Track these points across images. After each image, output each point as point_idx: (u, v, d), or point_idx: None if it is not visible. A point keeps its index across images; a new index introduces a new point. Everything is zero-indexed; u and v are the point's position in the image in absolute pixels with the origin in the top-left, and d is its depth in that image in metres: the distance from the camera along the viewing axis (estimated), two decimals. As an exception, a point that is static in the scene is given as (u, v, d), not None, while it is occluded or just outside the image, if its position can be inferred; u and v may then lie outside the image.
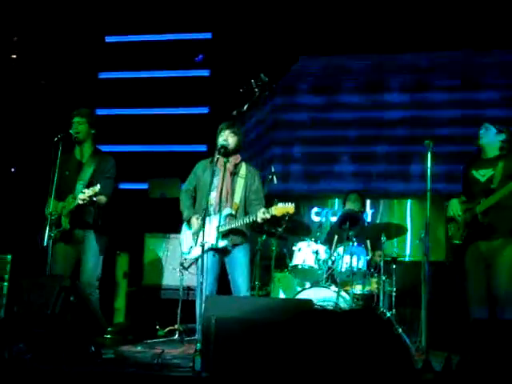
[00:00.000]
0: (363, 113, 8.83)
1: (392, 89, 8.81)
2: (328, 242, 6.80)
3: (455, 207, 5.24)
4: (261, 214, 5.17)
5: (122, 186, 7.95)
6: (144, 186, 9.00)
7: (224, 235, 5.28)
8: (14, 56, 9.06)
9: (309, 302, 4.34)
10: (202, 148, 8.84)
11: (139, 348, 5.99)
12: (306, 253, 6.45)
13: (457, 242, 5.18)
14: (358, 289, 6.44)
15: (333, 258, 6.38)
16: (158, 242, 7.89)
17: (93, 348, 4.77)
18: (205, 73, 9.38)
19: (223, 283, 5.45)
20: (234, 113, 6.39)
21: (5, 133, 8.80)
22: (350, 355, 1.23)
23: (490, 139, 5.22)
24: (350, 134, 8.83)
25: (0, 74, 8.92)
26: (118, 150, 8.22)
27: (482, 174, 5.19)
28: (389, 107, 8.72)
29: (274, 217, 5.21)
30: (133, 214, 8.42)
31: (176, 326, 6.86)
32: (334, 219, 7.54)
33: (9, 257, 6.90)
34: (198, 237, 5.22)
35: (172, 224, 7.73)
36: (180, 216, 5.62)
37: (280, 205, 5.19)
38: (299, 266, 6.46)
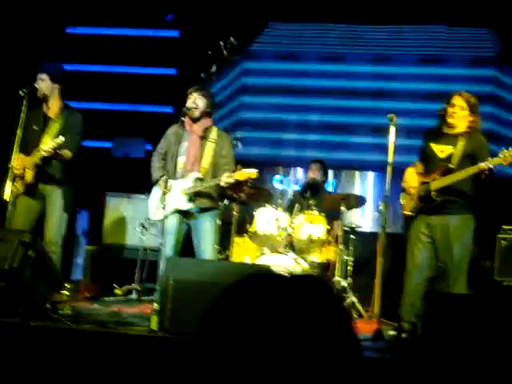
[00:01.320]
0: (329, 81, 8.85)
1: (358, 59, 8.85)
2: (289, 209, 6.86)
3: (411, 178, 5.22)
4: (224, 178, 5.20)
5: (86, 143, 7.86)
6: (108, 145, 8.94)
7: (191, 198, 5.29)
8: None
9: (266, 268, 4.41)
10: (169, 109, 8.81)
11: (96, 306, 6.01)
12: (266, 219, 6.51)
13: (408, 213, 5.18)
14: (315, 257, 6.54)
15: (293, 226, 6.45)
16: (119, 201, 7.86)
17: (49, 304, 4.79)
18: (174, 33, 9.29)
19: (188, 247, 5.48)
20: (202, 75, 6.37)
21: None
22: (293, 322, 1.26)
23: (462, 117, 5.13)
24: (316, 103, 8.86)
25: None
26: (83, 106, 8.11)
27: (441, 150, 5.16)
28: (354, 78, 8.76)
29: (237, 181, 5.24)
30: (95, 172, 8.37)
31: (134, 286, 6.89)
32: (296, 187, 7.59)
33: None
34: (163, 199, 5.23)
35: (134, 184, 7.73)
36: (142, 177, 5.62)
37: (244, 170, 5.22)
38: (259, 232, 6.52)
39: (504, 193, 7.39)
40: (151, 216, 5.54)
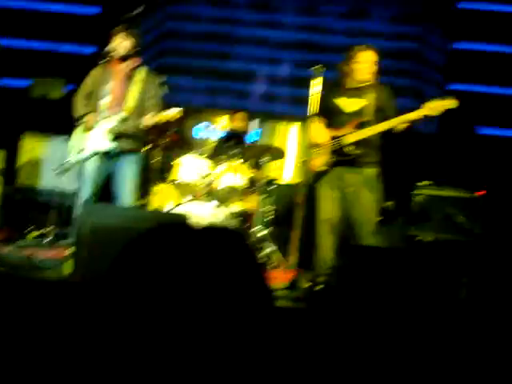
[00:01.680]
0: (255, 30, 8.74)
1: (285, 10, 8.75)
2: (211, 158, 6.82)
3: (318, 134, 5.17)
4: (148, 118, 5.10)
5: (4, 81, 7.55)
6: (26, 84, 8.61)
7: (114, 139, 5.16)
8: None
9: (182, 216, 4.37)
10: (91, 50, 8.53)
11: (9, 249, 5.85)
12: (188, 167, 6.44)
13: (320, 168, 5.13)
14: (236, 207, 6.53)
15: (215, 175, 6.41)
16: (36, 142, 7.61)
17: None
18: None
19: (107, 192, 5.37)
20: (127, 15, 6.17)
21: None
22: (202, 272, 1.24)
23: (372, 72, 5.14)
24: (244, 52, 8.75)
25: None
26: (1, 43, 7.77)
27: (348, 104, 5.13)
28: (280, 27, 8.68)
29: (160, 122, 5.14)
30: (11, 111, 8.06)
31: (48, 230, 6.73)
32: (219, 136, 7.53)
33: None
34: (85, 140, 5.09)
35: (53, 125, 7.48)
36: (62, 118, 5.44)
37: (167, 110, 5.14)
38: (180, 180, 6.46)
39: (416, 148, 7.54)
40: (71, 158, 5.38)
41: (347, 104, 5.14)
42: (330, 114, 5.19)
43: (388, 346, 3.25)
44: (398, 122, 4.94)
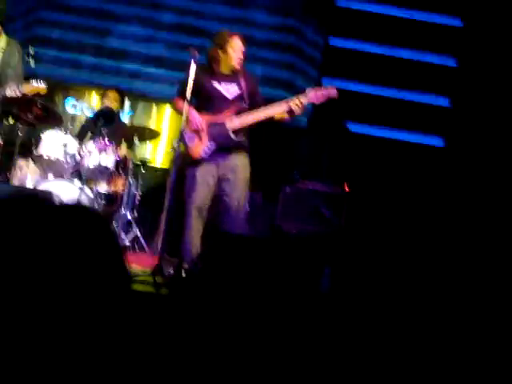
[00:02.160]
0: (131, 9, 8.52)
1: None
2: (79, 136, 6.58)
3: (197, 119, 5.07)
4: (10, 90, 4.84)
5: None
6: None
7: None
8: None
9: (47, 193, 4.18)
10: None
11: None
12: (54, 143, 6.17)
13: (198, 156, 5.06)
14: (103, 187, 6.35)
15: (82, 154, 6.19)
16: None
17: None
18: None
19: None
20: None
21: None
22: (54, 252, 1.15)
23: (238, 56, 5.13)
24: (119, 29, 8.49)
25: None
26: None
27: (225, 89, 5.11)
28: (166, 9, 8.52)
29: (24, 96, 4.90)
30: None
31: None
32: (89, 113, 7.29)
33: None
34: None
35: None
36: None
37: (33, 83, 4.90)
38: (45, 157, 6.18)
39: (285, 141, 7.66)
40: None
41: (221, 89, 5.11)
42: (203, 98, 5.13)
43: (247, 335, 3.25)
44: (281, 109, 4.97)
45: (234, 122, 5.03)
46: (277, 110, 5.00)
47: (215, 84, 5.11)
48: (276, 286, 3.75)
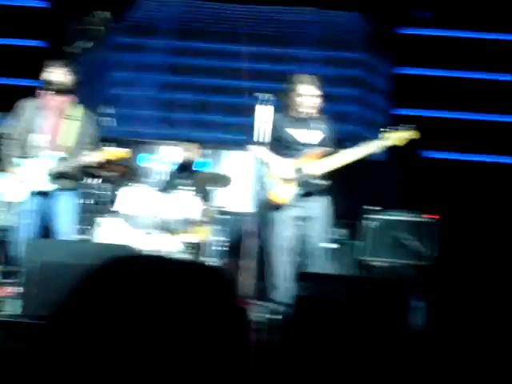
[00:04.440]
0: (208, 61, 8.71)
1: (240, 39, 8.76)
2: (160, 188, 6.70)
3: (279, 166, 5.10)
4: (90, 158, 4.98)
5: None
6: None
7: (52, 179, 5.02)
8: None
9: (128, 247, 4.28)
10: (29, 82, 8.34)
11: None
12: (134, 198, 6.30)
13: (285, 201, 5.07)
14: (187, 237, 6.41)
15: (164, 205, 6.29)
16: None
17: None
18: (45, 4, 8.81)
19: (46, 227, 5.20)
20: (69, 48, 6.05)
21: None
22: (174, 316, 1.09)
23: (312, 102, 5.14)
24: (190, 81, 8.68)
25: None
26: None
27: (301, 134, 5.12)
28: (231, 56, 8.67)
29: (105, 160, 5.04)
30: None
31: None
32: (167, 166, 7.42)
33: None
34: (21, 180, 4.93)
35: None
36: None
37: (112, 149, 5.03)
38: (127, 212, 6.30)
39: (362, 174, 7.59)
40: (5, 197, 5.15)
41: (301, 134, 5.13)
42: (283, 144, 5.15)
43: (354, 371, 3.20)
44: (363, 153, 4.96)
45: (315, 167, 5.03)
46: (359, 154, 5.00)
47: (293, 129, 5.14)
48: (368, 324, 3.68)
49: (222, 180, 6.87)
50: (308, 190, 5.07)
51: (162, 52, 8.78)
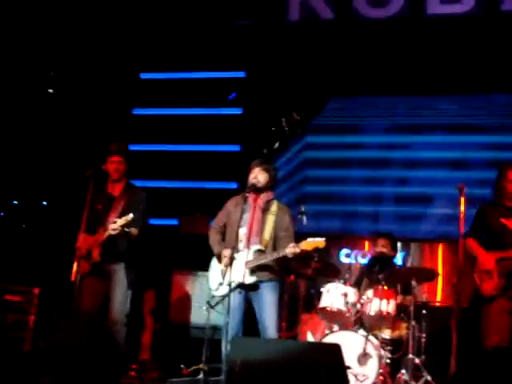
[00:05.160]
0: (393, 153, 8.78)
1: (421, 129, 8.77)
2: (357, 284, 6.69)
3: (485, 258, 5.04)
4: (291, 249, 5.13)
5: (152, 221, 7.95)
6: (173, 222, 9.00)
7: (252, 271, 5.22)
8: (51, 90, 9.20)
9: (336, 346, 4.25)
10: (233, 185, 8.85)
11: (163, 387, 5.91)
12: (334, 295, 6.33)
13: (491, 293, 4.97)
14: (386, 333, 6.30)
15: (362, 301, 6.26)
16: (185, 278, 7.83)
17: (116, 385, 4.73)
18: (237, 111, 9.42)
19: (250, 321, 5.37)
20: (265, 151, 6.40)
21: (38, 166, 8.90)
22: None
23: None
24: (382, 175, 8.76)
25: (36, 107, 9.05)
26: (149, 185, 8.23)
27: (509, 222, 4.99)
28: (418, 148, 8.67)
29: (303, 252, 5.16)
30: (161, 249, 8.40)
31: (201, 366, 6.75)
32: (363, 261, 7.43)
33: (36, 290, 6.91)
34: (225, 274, 5.18)
35: (200, 261, 7.71)
36: (208, 253, 5.58)
37: (310, 239, 5.15)
38: (327, 308, 6.34)
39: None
40: (213, 292, 5.47)
41: (509, 224, 4.98)
42: (491, 235, 5.08)
43: None
44: None
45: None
46: None
47: (503, 219, 5.03)
48: None
49: (424, 274, 6.70)
50: (508, 282, 4.87)
51: (350, 148, 8.97)
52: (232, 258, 5.15)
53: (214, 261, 5.51)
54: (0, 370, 5.24)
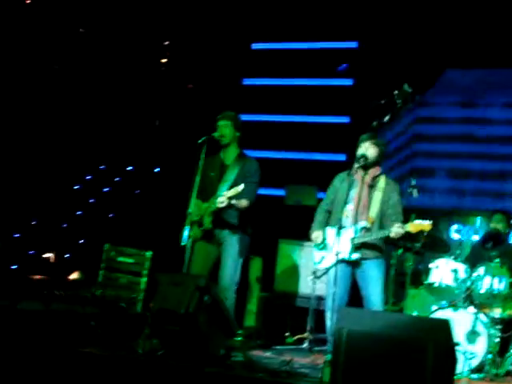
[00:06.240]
0: (509, 128, 8.45)
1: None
2: (468, 261, 6.52)
3: None
4: (395, 229, 5.04)
5: (260, 191, 8.02)
6: (281, 193, 9.04)
7: (357, 248, 5.18)
8: (164, 60, 9.40)
9: (445, 322, 4.16)
10: (341, 157, 8.79)
11: (268, 353, 5.99)
12: (443, 271, 6.20)
13: None
14: (497, 312, 6.11)
15: (472, 278, 6.10)
16: (291, 248, 7.86)
17: (223, 350, 4.82)
18: (348, 82, 9.31)
19: (354, 295, 5.34)
20: (375, 123, 6.29)
21: (152, 134, 9.15)
22: None
23: None
24: (494, 151, 8.45)
25: (150, 77, 9.28)
26: (257, 155, 8.27)
27: None
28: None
29: (408, 233, 5.07)
30: (268, 219, 8.45)
31: (305, 335, 6.81)
32: (475, 238, 7.22)
33: (148, 253, 7.13)
34: (330, 247, 5.17)
35: (306, 231, 7.73)
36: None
37: (416, 221, 5.05)
38: (436, 284, 6.22)
39: None
40: (317, 264, 5.47)
41: None
42: None
43: None
44: None
45: None
46: None
47: None
48: None
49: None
50: None
51: (462, 122, 8.70)
52: (320, 241, 5.19)
53: (318, 234, 5.50)
54: (110, 330, 5.45)
